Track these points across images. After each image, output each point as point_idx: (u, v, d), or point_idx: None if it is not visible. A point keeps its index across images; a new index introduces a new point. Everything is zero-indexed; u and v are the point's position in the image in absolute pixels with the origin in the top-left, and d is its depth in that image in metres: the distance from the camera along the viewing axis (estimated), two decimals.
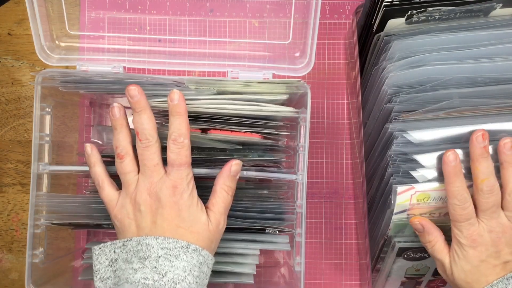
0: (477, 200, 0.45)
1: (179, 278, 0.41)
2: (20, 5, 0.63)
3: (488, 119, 0.48)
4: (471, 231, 0.45)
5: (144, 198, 0.44)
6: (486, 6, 0.49)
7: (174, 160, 0.44)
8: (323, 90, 0.62)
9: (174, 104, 0.44)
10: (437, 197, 0.48)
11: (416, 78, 0.49)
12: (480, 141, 0.44)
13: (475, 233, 0.45)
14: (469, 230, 0.45)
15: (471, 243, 0.45)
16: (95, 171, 0.47)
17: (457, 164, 0.45)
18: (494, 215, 0.45)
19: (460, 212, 0.45)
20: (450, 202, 0.46)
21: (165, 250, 0.42)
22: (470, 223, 0.45)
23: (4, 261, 0.62)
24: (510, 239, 0.45)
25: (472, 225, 0.45)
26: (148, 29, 0.59)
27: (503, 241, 0.45)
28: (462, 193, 0.45)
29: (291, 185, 0.52)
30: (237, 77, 0.51)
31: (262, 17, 0.55)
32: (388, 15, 0.50)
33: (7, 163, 0.62)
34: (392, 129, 0.49)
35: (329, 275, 0.61)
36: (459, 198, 0.45)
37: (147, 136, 0.44)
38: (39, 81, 0.49)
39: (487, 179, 0.44)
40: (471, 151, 0.45)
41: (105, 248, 0.44)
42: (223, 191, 0.46)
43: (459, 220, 0.45)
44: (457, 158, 0.45)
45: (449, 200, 0.45)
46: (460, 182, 0.45)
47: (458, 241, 0.46)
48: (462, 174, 0.45)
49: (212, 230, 0.45)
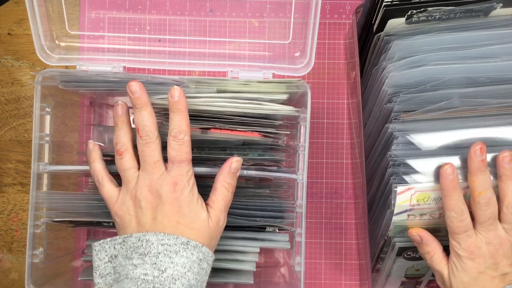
0: (474, 212, 0.46)
1: (179, 274, 0.41)
2: (20, 5, 0.63)
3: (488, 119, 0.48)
4: (468, 243, 0.45)
5: (145, 195, 0.44)
6: (486, 6, 0.49)
7: (175, 156, 0.44)
8: (323, 90, 0.62)
9: (174, 100, 0.44)
10: (437, 197, 0.48)
11: (416, 78, 0.49)
12: (478, 154, 0.44)
13: (473, 245, 0.45)
14: (467, 242, 0.45)
15: (469, 255, 0.45)
16: (95, 167, 0.47)
17: (455, 177, 0.45)
18: (491, 227, 0.45)
19: (458, 224, 0.45)
20: (447, 214, 0.46)
21: (165, 246, 0.42)
22: (468, 235, 0.45)
23: (4, 261, 0.62)
24: (508, 251, 0.45)
25: (469, 236, 0.45)
26: (148, 29, 0.59)
27: (501, 253, 0.45)
28: (459, 205, 0.45)
29: (291, 184, 0.52)
30: (237, 77, 0.51)
31: (262, 17, 0.55)
32: (388, 15, 0.50)
33: (7, 163, 0.62)
34: (392, 129, 0.49)
35: (329, 275, 0.61)
36: (456, 210, 0.45)
37: (148, 133, 0.44)
38: (39, 81, 0.49)
39: (484, 192, 0.45)
40: (469, 164, 0.45)
41: (105, 244, 0.44)
42: (223, 188, 0.46)
43: (456, 232, 0.46)
44: (455, 172, 0.45)
45: (447, 212, 0.46)
46: (457, 195, 0.45)
47: (456, 253, 0.46)
48: (460, 187, 0.45)
49: (212, 227, 0.45)
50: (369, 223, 0.57)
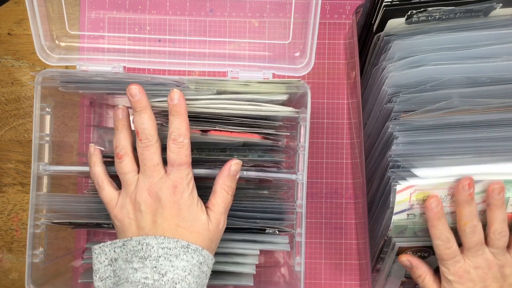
0: (461, 239, 0.48)
1: (179, 278, 0.41)
2: (20, 5, 0.63)
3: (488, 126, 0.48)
4: (457, 268, 0.47)
5: (144, 198, 0.44)
6: (486, 6, 0.49)
7: (174, 159, 0.44)
8: (323, 90, 0.62)
9: (174, 103, 0.44)
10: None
11: (416, 78, 0.49)
12: (466, 189, 0.46)
13: (461, 269, 0.47)
14: (455, 267, 0.47)
15: (459, 279, 0.47)
16: (95, 171, 0.47)
17: (439, 209, 0.47)
18: (478, 252, 0.47)
19: (445, 251, 0.47)
20: (434, 243, 0.48)
21: (165, 250, 0.42)
22: (456, 261, 0.47)
23: (4, 261, 0.62)
24: (496, 273, 0.47)
25: (457, 262, 0.47)
26: (148, 29, 0.59)
27: (490, 276, 0.47)
28: (445, 234, 0.47)
29: (291, 185, 0.52)
30: (237, 77, 0.51)
31: (262, 17, 0.55)
32: (388, 15, 0.50)
33: (7, 163, 0.62)
34: (392, 129, 0.49)
35: (329, 275, 0.61)
36: (442, 238, 0.47)
37: (147, 136, 0.44)
38: (39, 81, 0.49)
39: (470, 222, 0.47)
40: (456, 197, 0.47)
41: (105, 247, 0.44)
42: (223, 191, 0.46)
43: (444, 258, 0.48)
44: (439, 205, 0.47)
45: (433, 241, 0.48)
46: (442, 224, 0.47)
47: (446, 278, 0.48)
48: (444, 216, 0.48)
49: (212, 230, 0.45)
50: (369, 223, 0.57)
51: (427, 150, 0.49)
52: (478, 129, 0.49)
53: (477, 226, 0.47)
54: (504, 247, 0.48)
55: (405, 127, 0.49)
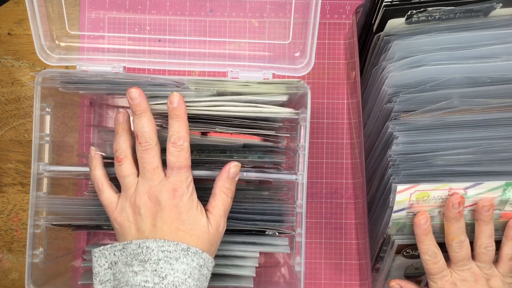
0: (449, 254, 0.50)
1: (179, 281, 0.41)
2: (20, 5, 0.63)
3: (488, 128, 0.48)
4: (444, 281, 0.49)
5: (144, 201, 0.44)
6: (486, 6, 0.49)
7: (174, 163, 0.43)
8: (323, 90, 0.62)
9: (173, 107, 0.44)
10: (437, 196, 0.48)
11: (416, 78, 0.49)
12: (456, 207, 0.48)
13: (448, 282, 0.49)
14: (442, 280, 0.49)
15: None
16: (95, 174, 0.47)
17: (427, 226, 0.49)
18: (465, 266, 0.49)
19: (432, 266, 0.49)
20: (422, 257, 0.50)
21: (165, 253, 0.42)
22: (443, 275, 0.49)
23: (4, 261, 0.62)
24: (484, 286, 0.49)
25: (444, 276, 0.49)
26: (148, 29, 0.59)
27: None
28: (432, 249, 0.49)
29: (291, 186, 0.52)
30: (237, 77, 0.50)
31: (262, 17, 0.55)
32: (388, 15, 0.50)
33: (7, 163, 0.62)
34: (392, 129, 0.49)
35: (329, 275, 0.62)
36: (430, 253, 0.49)
37: (147, 139, 0.44)
38: (39, 81, 0.49)
39: (457, 238, 0.48)
40: (445, 213, 0.48)
41: (105, 250, 0.44)
42: (222, 193, 0.45)
43: (432, 273, 0.49)
44: (427, 222, 0.49)
45: (421, 256, 0.50)
46: (429, 240, 0.49)
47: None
48: (432, 233, 0.49)
49: (212, 232, 0.44)
50: (369, 223, 0.57)
51: (427, 150, 0.49)
52: (478, 129, 0.49)
53: (464, 242, 0.48)
54: (490, 261, 0.49)
55: (405, 127, 0.49)
